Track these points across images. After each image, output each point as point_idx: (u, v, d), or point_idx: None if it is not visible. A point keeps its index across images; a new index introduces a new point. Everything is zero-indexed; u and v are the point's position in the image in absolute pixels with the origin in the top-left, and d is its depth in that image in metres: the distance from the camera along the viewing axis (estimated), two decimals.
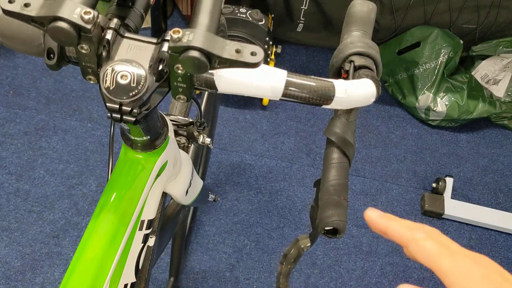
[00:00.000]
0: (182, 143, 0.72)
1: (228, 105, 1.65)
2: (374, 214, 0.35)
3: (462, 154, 1.68)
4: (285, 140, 1.60)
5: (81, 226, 1.34)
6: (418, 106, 1.65)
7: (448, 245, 0.30)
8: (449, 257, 0.29)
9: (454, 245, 0.30)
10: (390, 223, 0.33)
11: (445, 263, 0.28)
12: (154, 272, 1.29)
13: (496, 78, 1.69)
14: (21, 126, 1.49)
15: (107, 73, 0.37)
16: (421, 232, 0.31)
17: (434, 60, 1.60)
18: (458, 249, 0.30)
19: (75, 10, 0.33)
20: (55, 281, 1.25)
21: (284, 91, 0.41)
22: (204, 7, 0.37)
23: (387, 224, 0.34)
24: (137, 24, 0.44)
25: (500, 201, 1.59)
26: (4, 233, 1.30)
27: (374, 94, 0.43)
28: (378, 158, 1.62)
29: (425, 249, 0.30)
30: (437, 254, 0.29)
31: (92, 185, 1.41)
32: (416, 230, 0.31)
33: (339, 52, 0.46)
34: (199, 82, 0.40)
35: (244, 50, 0.34)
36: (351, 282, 1.37)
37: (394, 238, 0.33)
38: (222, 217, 1.43)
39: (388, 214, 0.35)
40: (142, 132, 0.47)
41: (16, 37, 0.40)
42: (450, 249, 0.30)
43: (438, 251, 0.29)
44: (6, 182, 1.38)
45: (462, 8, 1.54)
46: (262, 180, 1.51)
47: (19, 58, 1.63)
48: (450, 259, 0.29)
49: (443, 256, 0.29)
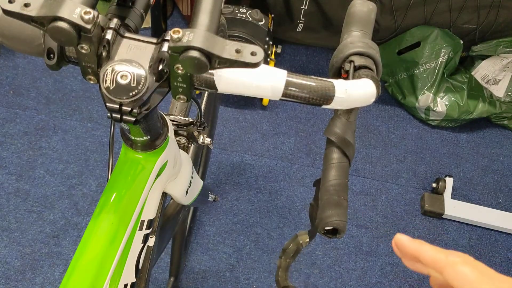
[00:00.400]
0: (182, 143, 0.72)
1: (228, 105, 1.65)
2: (404, 238, 0.34)
3: (462, 154, 1.68)
4: (285, 140, 1.60)
5: (81, 226, 1.34)
6: (418, 106, 1.65)
7: (487, 272, 0.28)
8: (490, 285, 0.27)
9: (491, 272, 0.29)
10: (423, 247, 0.32)
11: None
12: (154, 272, 1.29)
13: (496, 78, 1.69)
14: (21, 126, 1.49)
15: (107, 73, 0.37)
16: (456, 257, 0.30)
17: (434, 60, 1.60)
18: (497, 276, 0.28)
19: (75, 10, 0.33)
20: (55, 281, 1.25)
21: (284, 91, 0.41)
22: (204, 7, 0.37)
23: (420, 248, 0.32)
24: (137, 24, 0.44)
25: (500, 201, 1.59)
26: (4, 233, 1.30)
27: (374, 94, 0.43)
28: (378, 158, 1.62)
29: (463, 274, 0.28)
30: (477, 280, 0.27)
31: (92, 185, 1.41)
32: (451, 255, 0.30)
33: (339, 52, 0.46)
34: (199, 82, 0.40)
35: (244, 50, 0.34)
36: (351, 282, 1.37)
37: (428, 262, 0.31)
38: (222, 217, 1.43)
39: (418, 240, 0.33)
40: (142, 132, 0.47)
41: (16, 37, 0.40)
42: (489, 276, 0.28)
43: (479, 278, 0.28)
44: (6, 182, 1.38)
45: (462, 8, 1.54)
46: (262, 180, 1.51)
47: (19, 58, 1.63)
48: (489, 286, 0.27)
49: (484, 284, 0.27)
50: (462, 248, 1.48)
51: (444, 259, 0.30)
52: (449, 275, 0.29)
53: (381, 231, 1.47)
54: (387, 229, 1.48)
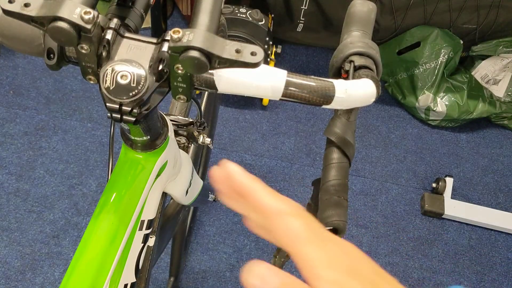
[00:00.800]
0: (182, 143, 0.72)
1: (228, 105, 1.65)
2: (238, 170, 0.28)
3: (462, 154, 1.68)
4: (285, 140, 1.60)
5: (81, 226, 1.34)
6: (418, 106, 1.65)
7: (317, 229, 0.25)
8: (316, 244, 0.24)
9: (322, 230, 0.25)
10: (256, 185, 0.27)
11: (312, 250, 0.23)
12: (154, 272, 1.29)
13: (496, 78, 1.69)
14: (21, 126, 1.49)
15: (107, 73, 0.37)
16: (287, 206, 0.25)
17: (434, 60, 1.60)
18: (327, 236, 0.25)
19: (75, 10, 0.33)
20: (55, 281, 1.25)
21: (284, 91, 0.41)
22: (204, 7, 0.37)
23: (252, 186, 0.27)
24: (137, 24, 0.44)
25: (500, 201, 1.59)
26: (4, 233, 1.30)
27: (374, 94, 0.43)
28: (378, 158, 1.62)
29: (291, 228, 0.24)
30: (304, 237, 0.24)
31: (92, 185, 1.41)
32: (282, 202, 0.26)
33: (339, 52, 0.46)
34: (199, 82, 0.40)
35: (244, 50, 0.34)
36: None
37: (255, 204, 0.26)
38: (222, 217, 1.42)
39: (251, 175, 0.28)
40: (142, 132, 0.47)
41: (16, 37, 0.40)
42: (319, 234, 0.24)
43: (306, 234, 0.24)
44: (6, 182, 1.38)
45: (462, 8, 1.54)
46: (262, 180, 1.50)
47: (19, 58, 1.63)
48: (318, 246, 0.23)
49: (311, 242, 0.24)
50: (462, 248, 1.48)
51: (274, 206, 0.26)
52: (276, 225, 0.25)
53: (381, 231, 1.47)
54: (387, 229, 1.48)
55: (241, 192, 0.27)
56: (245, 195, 0.27)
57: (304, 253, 0.23)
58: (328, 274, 0.23)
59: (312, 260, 0.23)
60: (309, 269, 0.23)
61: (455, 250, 1.47)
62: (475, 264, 1.45)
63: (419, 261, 1.43)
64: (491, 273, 1.45)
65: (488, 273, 1.44)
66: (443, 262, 1.44)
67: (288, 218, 0.25)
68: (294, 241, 0.24)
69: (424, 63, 1.61)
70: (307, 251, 0.23)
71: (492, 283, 1.43)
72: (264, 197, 0.26)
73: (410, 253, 1.44)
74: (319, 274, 0.23)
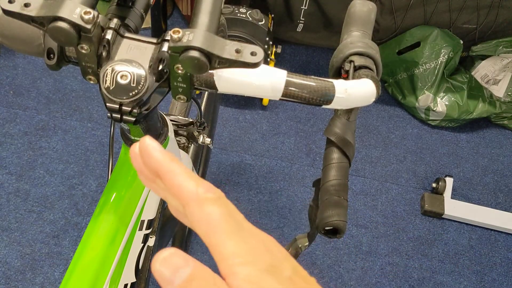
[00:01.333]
0: (182, 143, 0.72)
1: (228, 105, 1.65)
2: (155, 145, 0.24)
3: (462, 154, 1.68)
4: (285, 140, 1.60)
5: (81, 226, 1.34)
6: (418, 106, 1.65)
7: (238, 220, 0.22)
8: (236, 237, 0.22)
9: (244, 221, 0.23)
10: (173, 165, 0.23)
11: (231, 243, 0.21)
12: None
13: (496, 78, 1.69)
14: (21, 126, 1.49)
15: (107, 73, 0.37)
16: (207, 191, 0.23)
17: (434, 60, 1.60)
18: (249, 229, 0.23)
19: (75, 10, 0.33)
20: (55, 281, 1.25)
21: (284, 91, 0.41)
22: (204, 7, 0.37)
23: (169, 165, 0.23)
24: (137, 24, 0.44)
25: (500, 201, 1.59)
26: (4, 233, 1.30)
27: (374, 94, 0.43)
28: (378, 158, 1.62)
29: (210, 216, 0.22)
30: (223, 227, 0.22)
31: (92, 185, 1.41)
32: (202, 186, 0.23)
33: (339, 52, 0.46)
34: (199, 82, 0.40)
35: (244, 50, 0.34)
36: (351, 282, 1.37)
37: (173, 187, 0.23)
38: None
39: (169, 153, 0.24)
40: (142, 132, 0.47)
41: (16, 37, 0.40)
42: (240, 226, 0.22)
43: (226, 225, 0.22)
44: (6, 182, 1.38)
45: (462, 8, 1.54)
46: (262, 180, 1.51)
47: (19, 58, 1.63)
48: (238, 240, 0.22)
49: (231, 234, 0.22)
50: (462, 248, 1.48)
51: (192, 190, 0.22)
52: (193, 212, 0.22)
53: (381, 231, 1.47)
54: (387, 229, 1.48)
55: (157, 172, 0.24)
56: (161, 176, 0.23)
57: (222, 246, 0.21)
58: (245, 271, 0.21)
59: (230, 254, 0.21)
60: (226, 264, 0.21)
61: (455, 250, 1.47)
62: (475, 264, 1.45)
63: (419, 261, 1.43)
64: (491, 273, 1.45)
65: (488, 273, 1.44)
66: (443, 262, 1.44)
67: (207, 205, 0.22)
68: (212, 231, 0.22)
69: (424, 63, 1.61)
70: (226, 244, 0.21)
71: (492, 283, 1.43)
72: (181, 179, 0.23)
73: (410, 253, 1.44)
74: (236, 271, 0.21)
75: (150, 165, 0.24)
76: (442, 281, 1.41)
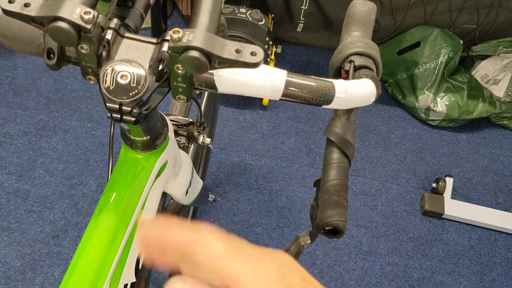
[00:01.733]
0: (182, 143, 0.72)
1: (228, 105, 1.65)
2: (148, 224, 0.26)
3: (462, 154, 1.68)
4: (285, 140, 1.60)
5: (81, 226, 1.34)
6: (418, 106, 1.65)
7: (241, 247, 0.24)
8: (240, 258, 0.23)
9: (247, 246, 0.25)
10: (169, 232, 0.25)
11: (236, 264, 0.23)
12: (154, 272, 1.29)
13: (496, 78, 1.69)
14: (21, 126, 1.49)
15: (107, 73, 0.37)
16: (207, 232, 0.25)
17: (434, 60, 1.60)
18: (252, 251, 0.25)
19: (75, 10, 0.33)
20: (55, 281, 1.25)
21: (284, 91, 0.41)
22: (204, 7, 0.37)
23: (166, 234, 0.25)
24: (137, 24, 0.44)
25: (500, 201, 1.59)
26: (4, 233, 1.30)
27: (374, 94, 0.43)
28: (378, 158, 1.62)
29: (212, 250, 0.24)
30: (226, 255, 0.24)
31: (92, 185, 1.41)
32: (201, 231, 0.25)
33: (339, 52, 0.46)
34: (199, 82, 0.40)
35: (244, 50, 0.34)
36: (351, 282, 1.37)
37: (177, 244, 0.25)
38: (222, 217, 1.42)
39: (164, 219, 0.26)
40: (142, 132, 0.47)
41: (16, 37, 0.40)
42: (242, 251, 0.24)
43: (228, 252, 0.24)
44: (6, 182, 1.38)
45: (462, 8, 1.54)
46: (262, 180, 1.51)
47: (19, 58, 1.63)
48: (243, 260, 0.23)
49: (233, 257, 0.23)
50: (462, 248, 1.48)
51: (193, 237, 0.24)
52: (198, 252, 0.24)
53: (381, 231, 1.47)
54: (387, 229, 1.48)
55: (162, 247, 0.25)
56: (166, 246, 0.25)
57: (229, 269, 0.23)
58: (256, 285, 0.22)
59: (238, 273, 0.23)
60: (238, 283, 0.22)
61: (455, 250, 1.47)
62: (475, 264, 1.45)
63: (419, 261, 1.43)
64: (491, 273, 1.45)
65: (488, 273, 1.44)
66: (443, 262, 1.44)
67: (207, 241, 0.24)
68: (216, 260, 0.23)
69: (424, 63, 1.61)
70: (232, 266, 0.23)
71: (492, 283, 1.43)
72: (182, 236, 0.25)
73: (410, 253, 1.44)
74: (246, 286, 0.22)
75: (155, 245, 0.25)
76: (442, 281, 1.41)
